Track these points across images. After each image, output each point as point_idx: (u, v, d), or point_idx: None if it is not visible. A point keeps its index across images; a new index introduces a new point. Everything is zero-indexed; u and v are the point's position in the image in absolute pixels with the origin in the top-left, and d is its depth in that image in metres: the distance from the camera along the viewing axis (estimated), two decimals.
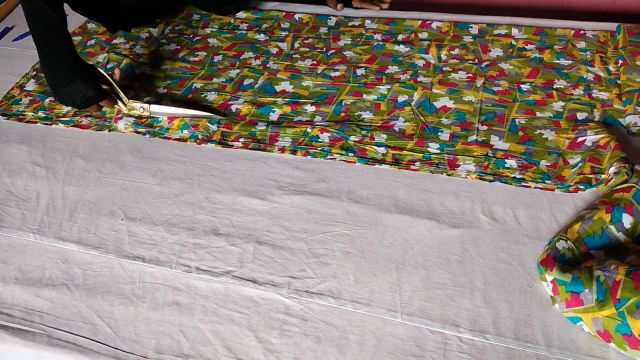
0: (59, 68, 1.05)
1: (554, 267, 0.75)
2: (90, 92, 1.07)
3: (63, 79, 1.06)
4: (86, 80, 1.06)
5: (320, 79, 1.19)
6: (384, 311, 0.77)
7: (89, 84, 1.06)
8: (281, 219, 0.91)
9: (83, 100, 1.07)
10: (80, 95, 1.06)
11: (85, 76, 1.06)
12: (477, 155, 0.97)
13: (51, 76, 1.07)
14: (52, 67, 1.06)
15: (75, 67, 1.06)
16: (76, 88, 1.06)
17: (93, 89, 1.07)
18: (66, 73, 1.05)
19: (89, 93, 1.07)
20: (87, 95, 1.07)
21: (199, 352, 0.74)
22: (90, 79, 1.07)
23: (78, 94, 1.06)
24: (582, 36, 1.26)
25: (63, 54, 1.05)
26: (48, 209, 0.96)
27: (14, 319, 0.80)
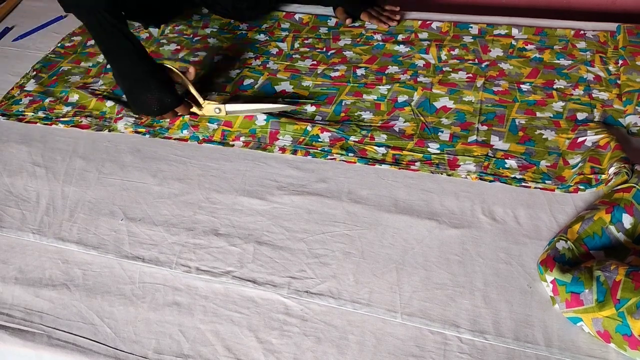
0: (133, 78, 1.04)
1: (554, 267, 0.75)
2: (167, 99, 1.05)
3: (138, 89, 1.04)
4: (162, 88, 1.04)
5: (320, 79, 1.19)
6: (384, 311, 0.77)
7: (164, 91, 1.05)
8: (281, 219, 0.91)
9: (160, 108, 1.06)
10: (156, 103, 1.05)
11: (161, 83, 1.04)
12: (477, 155, 0.97)
13: (126, 87, 1.06)
14: (126, 78, 1.05)
15: (150, 75, 1.04)
16: (152, 96, 1.04)
17: (169, 95, 1.05)
18: (141, 82, 1.04)
19: (165, 100, 1.05)
20: (163, 102, 1.05)
21: (199, 352, 0.74)
22: (166, 84, 1.05)
23: (154, 102, 1.04)
24: (582, 36, 1.26)
25: (135, 63, 1.03)
26: (48, 209, 0.96)
27: (14, 319, 0.80)
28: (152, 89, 1.04)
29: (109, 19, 1.00)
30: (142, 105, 1.06)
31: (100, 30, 1.01)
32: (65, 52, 1.35)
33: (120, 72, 1.05)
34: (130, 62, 1.04)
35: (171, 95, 1.05)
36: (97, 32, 1.02)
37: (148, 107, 1.06)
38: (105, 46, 1.04)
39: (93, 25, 1.02)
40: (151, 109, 1.06)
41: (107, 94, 1.19)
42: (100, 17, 1.00)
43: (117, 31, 1.01)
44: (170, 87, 1.06)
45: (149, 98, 1.04)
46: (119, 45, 1.02)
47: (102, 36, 1.02)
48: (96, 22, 1.00)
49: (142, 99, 1.05)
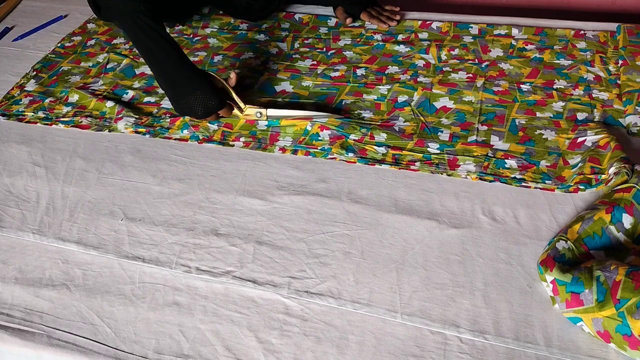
0: (176, 81, 1.03)
1: (554, 267, 0.75)
2: (212, 102, 1.04)
3: (183, 91, 1.03)
4: (205, 90, 1.04)
5: (320, 79, 1.19)
6: (384, 311, 0.77)
7: (208, 93, 1.04)
8: (281, 219, 0.91)
9: (204, 110, 1.05)
10: (201, 105, 1.04)
11: (204, 85, 1.04)
12: (477, 155, 0.97)
13: (170, 90, 1.05)
14: (170, 81, 1.04)
15: (193, 77, 1.03)
16: (196, 98, 1.03)
17: (213, 97, 1.04)
18: (185, 84, 1.03)
19: (210, 102, 1.04)
20: (208, 104, 1.04)
21: (199, 352, 0.74)
22: (209, 87, 1.05)
23: (198, 104, 1.04)
24: (582, 36, 1.26)
25: (178, 65, 1.03)
26: (48, 209, 0.96)
27: (14, 319, 0.80)
28: (196, 91, 1.03)
29: (149, 23, 1.00)
30: (187, 107, 1.05)
31: (142, 34, 1.01)
32: (65, 52, 1.35)
33: (163, 76, 1.04)
34: (173, 65, 1.03)
35: (215, 98, 1.04)
36: (138, 37, 1.02)
37: (192, 109, 1.05)
38: (146, 50, 1.03)
39: (134, 31, 1.01)
40: (196, 111, 1.05)
41: (107, 94, 1.19)
42: (140, 22, 1.00)
43: (157, 35, 1.01)
44: (213, 90, 1.05)
45: (193, 100, 1.03)
46: (161, 48, 1.02)
47: (144, 40, 1.02)
48: (137, 27, 1.00)
49: (187, 101, 1.04)
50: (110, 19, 1.07)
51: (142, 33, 1.01)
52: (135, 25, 1.01)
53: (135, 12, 1.00)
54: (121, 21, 1.03)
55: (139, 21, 1.00)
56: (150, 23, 1.00)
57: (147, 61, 1.05)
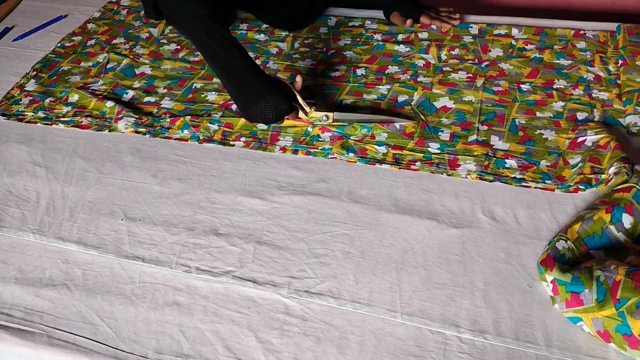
0: (247, 87, 1.01)
1: (554, 267, 0.75)
2: (283, 106, 1.02)
3: (253, 97, 1.01)
4: (276, 94, 1.02)
5: (320, 79, 1.19)
6: (384, 311, 0.77)
7: (279, 97, 1.02)
8: (281, 219, 0.91)
9: (275, 115, 1.03)
10: (272, 110, 1.02)
11: (275, 89, 1.02)
12: (478, 154, 0.97)
13: (240, 96, 1.03)
14: (239, 86, 1.02)
15: (263, 82, 1.02)
16: (266, 103, 1.01)
17: (284, 101, 1.02)
18: (255, 90, 1.01)
19: (281, 107, 1.02)
20: (279, 109, 1.02)
21: (199, 352, 0.74)
22: (278, 90, 1.02)
23: (270, 109, 1.02)
24: (582, 36, 1.26)
25: (248, 70, 1.01)
26: (48, 209, 0.95)
27: (14, 319, 0.80)
28: (267, 96, 1.01)
29: (216, 28, 0.98)
30: (258, 113, 1.03)
31: (209, 40, 0.99)
32: (65, 52, 1.35)
33: (233, 81, 1.02)
34: (243, 70, 1.01)
35: (286, 102, 1.02)
36: (205, 43, 1.00)
37: (264, 115, 1.02)
38: (214, 56, 1.01)
39: (200, 36, 0.99)
40: (268, 117, 1.03)
41: (107, 94, 1.19)
42: (207, 27, 0.98)
43: (223, 38, 0.99)
44: (282, 93, 1.03)
45: (265, 106, 1.01)
46: (230, 53, 1.00)
47: (211, 46, 1.00)
48: (203, 32, 0.98)
49: (258, 107, 1.02)
50: (174, 24, 1.04)
51: (210, 38, 0.99)
52: (201, 30, 0.99)
53: (202, 17, 0.97)
54: (186, 27, 1.01)
55: (206, 26, 0.98)
56: (217, 27, 0.98)
57: (215, 67, 1.03)
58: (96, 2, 1.55)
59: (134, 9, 1.51)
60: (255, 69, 1.02)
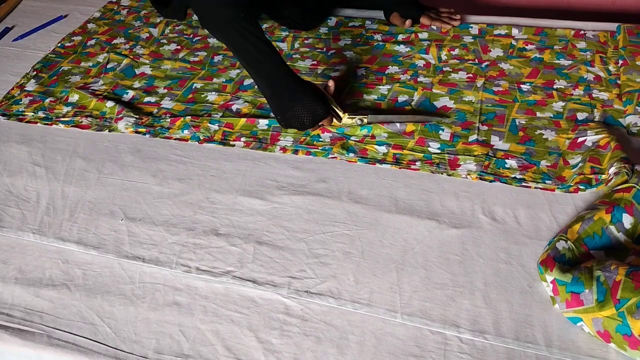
0: (283, 91, 1.00)
1: (554, 267, 0.75)
2: (319, 110, 1.00)
3: (290, 101, 1.00)
4: (312, 98, 1.00)
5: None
6: (384, 311, 0.77)
7: (315, 101, 1.00)
8: (281, 219, 0.91)
9: (312, 119, 1.01)
10: (308, 115, 1.00)
11: (310, 93, 1.00)
12: (478, 154, 0.97)
13: (276, 100, 1.01)
14: (275, 90, 1.00)
15: (299, 86, 1.00)
16: (303, 108, 0.99)
17: (320, 105, 1.00)
18: (292, 94, 0.99)
19: (317, 111, 1.00)
20: (315, 113, 1.00)
21: (199, 352, 0.74)
22: (313, 94, 1.01)
23: (306, 113, 1.00)
24: (582, 36, 1.26)
25: (284, 74, 1.00)
26: (48, 209, 0.96)
27: (14, 319, 0.80)
28: (304, 100, 0.99)
29: (251, 30, 0.97)
30: (294, 117, 1.01)
31: (245, 43, 0.97)
32: (65, 52, 1.35)
33: (269, 85, 1.01)
34: (278, 73, 1.00)
35: (322, 106, 1.01)
36: (240, 46, 0.98)
37: (300, 119, 1.01)
38: (249, 59, 0.99)
39: (235, 39, 0.98)
40: (304, 122, 1.01)
41: (107, 94, 1.19)
42: (242, 30, 0.97)
43: (259, 41, 0.98)
44: (318, 97, 1.01)
45: (301, 110, 1.00)
46: (265, 56, 0.99)
47: (247, 49, 0.98)
48: (238, 35, 0.97)
49: (295, 111, 1.00)
50: (207, 27, 1.03)
51: (246, 41, 0.97)
52: (236, 33, 0.97)
53: (237, 19, 0.96)
54: (221, 30, 1.00)
55: (241, 28, 0.97)
56: (252, 29, 0.97)
57: (250, 69, 1.01)
58: (96, 2, 1.55)
59: (134, 9, 1.51)
60: (290, 72, 1.01)
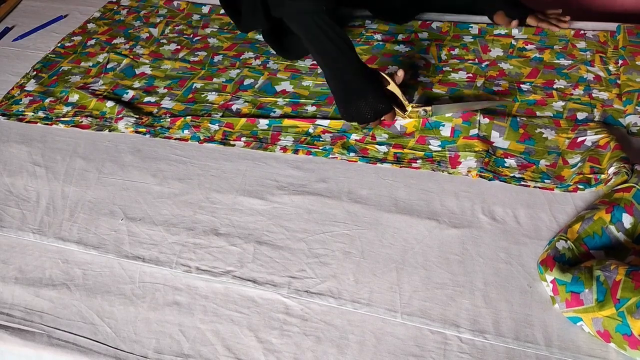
0: (350, 85, 0.99)
1: (554, 267, 0.75)
2: (381, 106, 0.99)
3: (355, 96, 0.99)
4: (377, 93, 0.99)
5: (320, 79, 1.19)
6: (384, 311, 0.77)
7: (379, 96, 0.99)
8: (281, 219, 0.91)
9: (374, 115, 1.00)
10: (370, 110, 0.99)
11: (377, 88, 1.00)
12: (479, 150, 0.97)
13: (342, 94, 1.01)
14: (343, 84, 1.00)
15: (366, 81, 0.99)
16: (367, 104, 0.99)
17: (383, 101, 1.00)
18: (358, 89, 0.99)
19: (380, 106, 0.99)
20: (378, 108, 0.99)
21: (199, 352, 0.74)
22: (380, 89, 1.00)
23: (369, 108, 0.99)
24: (582, 36, 1.26)
25: (355, 68, 0.99)
26: (48, 209, 0.96)
27: (14, 319, 0.80)
28: (368, 95, 0.99)
29: (330, 24, 0.97)
30: (355, 112, 1.01)
31: (321, 35, 0.98)
32: (65, 52, 1.35)
33: (338, 78, 1.01)
34: (349, 67, 0.99)
35: (385, 101, 1.00)
36: (316, 38, 0.98)
37: (361, 114, 1.00)
38: (323, 52, 1.00)
39: (312, 31, 0.98)
40: (365, 116, 1.01)
41: (107, 94, 1.20)
42: (320, 22, 0.97)
43: (337, 36, 0.98)
44: (383, 92, 1.01)
45: (364, 105, 0.99)
46: (339, 50, 0.99)
47: (322, 42, 0.98)
48: (316, 27, 0.97)
49: (357, 106, 1.00)
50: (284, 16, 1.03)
51: (322, 34, 0.97)
52: (314, 25, 0.97)
53: (317, 12, 0.97)
54: (299, 20, 1.00)
55: (320, 21, 0.97)
56: (330, 23, 0.97)
57: (322, 62, 1.02)
58: (96, 2, 1.55)
59: (134, 9, 1.51)
60: (362, 67, 1.01)
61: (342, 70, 1.00)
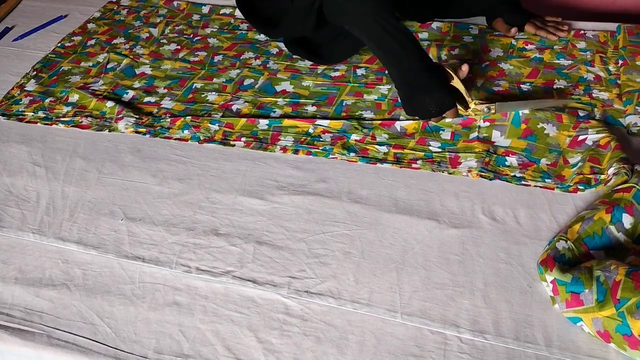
0: (415, 80, 0.99)
1: (554, 267, 0.75)
2: (445, 101, 1.00)
3: (420, 91, 0.99)
4: (441, 89, 1.00)
5: (320, 79, 1.19)
6: (384, 311, 0.77)
7: (444, 92, 1.00)
8: (281, 219, 0.91)
9: (437, 110, 1.00)
10: (435, 105, 0.99)
11: (442, 84, 1.00)
12: (479, 151, 0.97)
13: (406, 89, 1.01)
14: (408, 80, 1.00)
15: (432, 76, 1.00)
16: (431, 99, 0.99)
17: (447, 97, 1.00)
18: (423, 84, 0.99)
19: (444, 102, 0.99)
20: (442, 104, 1.00)
21: (199, 352, 0.74)
22: (444, 85, 1.00)
23: (433, 104, 0.99)
24: (582, 36, 1.26)
25: (420, 65, 0.99)
26: (48, 209, 0.96)
27: (14, 319, 0.80)
28: (433, 90, 0.99)
29: (392, 22, 0.97)
30: (418, 107, 1.00)
31: (383, 33, 0.98)
32: (65, 52, 1.35)
33: (401, 74, 1.00)
34: (414, 64, 0.99)
35: (449, 97, 1.00)
36: (379, 36, 0.98)
37: (425, 109, 1.00)
38: (387, 51, 1.00)
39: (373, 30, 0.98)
40: (429, 112, 1.01)
41: (107, 94, 1.20)
42: (383, 22, 0.97)
43: (398, 32, 0.98)
44: (448, 88, 1.01)
45: (429, 100, 0.99)
46: (404, 48, 0.98)
47: (386, 42, 0.98)
48: (377, 25, 0.97)
49: (421, 100, 1.00)
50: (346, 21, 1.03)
51: (386, 34, 0.97)
52: (378, 26, 0.97)
53: (378, 13, 0.97)
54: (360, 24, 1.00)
55: (383, 22, 0.97)
56: (393, 22, 0.97)
57: (386, 61, 1.02)
58: (96, 2, 1.55)
59: (134, 9, 1.51)
60: (427, 62, 1.01)
61: (408, 68, 1.00)
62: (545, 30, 1.26)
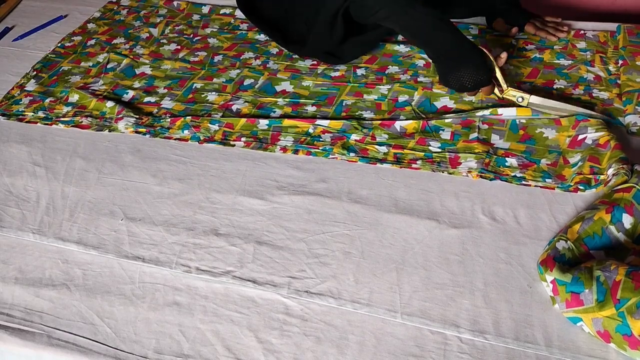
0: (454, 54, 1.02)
1: (554, 267, 0.75)
2: (481, 76, 1.02)
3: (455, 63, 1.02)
4: (479, 64, 1.02)
5: (320, 79, 1.19)
6: (384, 311, 0.77)
7: (480, 68, 1.02)
8: (281, 219, 0.91)
9: (473, 84, 1.02)
10: (471, 80, 1.02)
11: (479, 59, 1.02)
12: (479, 152, 0.97)
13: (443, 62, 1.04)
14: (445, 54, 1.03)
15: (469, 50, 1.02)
16: (468, 71, 1.01)
17: (486, 73, 1.02)
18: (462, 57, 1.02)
19: (480, 77, 1.02)
20: (477, 79, 1.02)
21: (199, 352, 0.74)
22: (483, 62, 1.03)
23: (470, 78, 1.02)
24: (582, 36, 1.26)
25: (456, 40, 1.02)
26: (48, 209, 0.96)
27: (14, 319, 0.80)
28: (470, 65, 1.01)
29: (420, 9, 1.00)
30: (455, 80, 1.03)
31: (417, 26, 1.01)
32: (65, 52, 1.35)
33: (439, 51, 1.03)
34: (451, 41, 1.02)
35: (487, 74, 1.03)
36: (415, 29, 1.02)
37: (461, 82, 1.02)
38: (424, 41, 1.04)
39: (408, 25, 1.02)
40: (464, 84, 1.03)
41: (107, 94, 1.20)
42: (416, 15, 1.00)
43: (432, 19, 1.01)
44: (485, 65, 1.03)
45: (466, 74, 1.01)
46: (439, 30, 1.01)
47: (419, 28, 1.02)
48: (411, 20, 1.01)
49: (458, 73, 1.02)
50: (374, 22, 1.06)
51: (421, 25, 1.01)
52: (410, 19, 1.01)
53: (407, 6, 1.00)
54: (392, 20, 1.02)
55: (414, 12, 1.00)
56: (423, 10, 1.00)
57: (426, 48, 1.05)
58: (96, 2, 1.55)
59: (134, 9, 1.51)
60: (463, 38, 1.03)
61: (445, 45, 1.02)
62: (545, 31, 1.27)
